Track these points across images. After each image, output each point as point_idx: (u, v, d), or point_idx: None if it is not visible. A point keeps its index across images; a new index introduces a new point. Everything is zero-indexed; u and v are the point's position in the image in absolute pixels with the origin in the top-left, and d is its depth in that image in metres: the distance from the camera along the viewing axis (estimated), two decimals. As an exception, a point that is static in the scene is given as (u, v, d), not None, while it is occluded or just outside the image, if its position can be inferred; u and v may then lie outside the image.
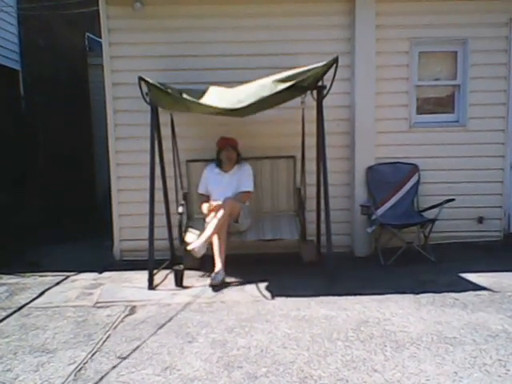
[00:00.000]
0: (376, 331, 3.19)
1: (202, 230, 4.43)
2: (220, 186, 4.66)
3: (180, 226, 4.66)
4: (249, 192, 4.75)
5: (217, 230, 4.28)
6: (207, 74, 5.00)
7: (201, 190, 4.86)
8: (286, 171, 5.06)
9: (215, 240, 4.29)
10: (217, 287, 4.11)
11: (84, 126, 8.50)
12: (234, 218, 4.48)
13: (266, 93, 3.92)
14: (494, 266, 4.57)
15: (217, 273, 4.20)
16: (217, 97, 4.16)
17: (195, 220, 4.87)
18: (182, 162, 4.96)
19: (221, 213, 4.31)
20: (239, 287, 4.15)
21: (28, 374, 2.76)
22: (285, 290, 4.01)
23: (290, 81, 3.91)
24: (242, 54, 5.03)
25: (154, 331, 3.28)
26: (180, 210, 4.70)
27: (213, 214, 4.41)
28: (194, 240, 4.31)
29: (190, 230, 4.66)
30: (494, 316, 3.40)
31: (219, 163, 4.81)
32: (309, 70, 3.97)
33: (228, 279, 4.26)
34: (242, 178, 4.75)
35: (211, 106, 4.03)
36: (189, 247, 4.26)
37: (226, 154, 4.74)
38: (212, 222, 4.32)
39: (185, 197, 4.93)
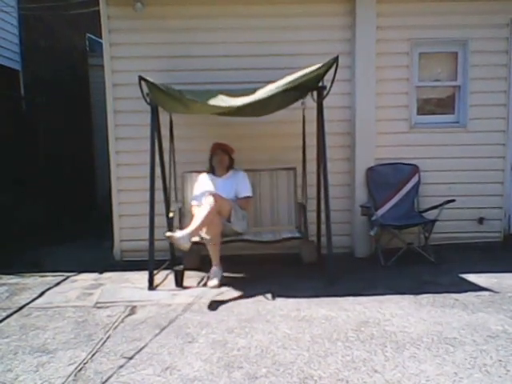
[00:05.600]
0: (376, 332, 3.19)
1: None
2: (213, 190, 4.49)
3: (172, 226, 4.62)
4: (249, 197, 4.64)
5: (204, 223, 4.06)
6: (208, 74, 5.01)
7: (194, 203, 4.65)
8: (286, 183, 4.93)
9: (208, 241, 4.18)
10: (216, 288, 4.10)
11: (84, 126, 8.52)
12: (225, 217, 4.29)
13: (266, 95, 3.93)
14: (494, 266, 4.58)
15: (215, 273, 4.19)
16: (217, 98, 4.15)
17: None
18: (180, 164, 4.92)
19: (208, 206, 4.11)
20: (239, 287, 4.14)
21: (28, 374, 2.75)
22: (285, 291, 4.01)
23: (292, 85, 3.91)
24: (243, 54, 5.04)
25: (155, 331, 3.28)
26: (172, 208, 4.67)
27: (201, 207, 4.24)
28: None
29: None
30: (494, 316, 3.40)
31: (212, 169, 4.74)
32: (311, 73, 3.98)
33: (228, 279, 4.26)
34: (239, 184, 4.62)
35: (211, 105, 4.03)
36: (168, 233, 3.99)
37: (216, 157, 4.66)
38: (199, 215, 4.11)
39: (180, 210, 4.83)
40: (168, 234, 4.00)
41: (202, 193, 4.46)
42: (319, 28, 5.08)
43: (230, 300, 3.86)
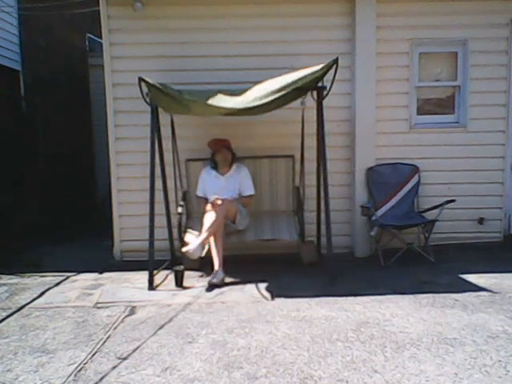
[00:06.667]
0: (376, 332, 3.19)
1: (200, 229, 4.41)
2: (217, 189, 4.62)
3: (179, 227, 4.66)
4: (252, 196, 4.79)
5: (212, 232, 4.27)
6: (208, 74, 5.01)
7: (199, 193, 4.84)
8: (284, 171, 5.04)
9: (212, 241, 4.28)
10: (216, 288, 4.11)
11: (84, 126, 8.52)
12: (230, 219, 4.46)
13: (265, 99, 3.92)
14: (494, 266, 4.57)
15: (216, 273, 4.20)
16: (217, 98, 4.15)
17: (194, 219, 4.85)
18: (181, 162, 4.94)
19: (215, 214, 4.29)
20: (239, 288, 4.15)
21: (28, 374, 2.75)
22: (285, 291, 4.01)
23: (291, 86, 3.90)
24: (243, 54, 5.04)
25: (154, 332, 3.28)
26: (179, 210, 4.70)
27: (208, 214, 4.37)
28: (192, 241, 4.29)
29: (189, 230, 4.65)
30: (494, 317, 3.40)
31: (215, 165, 4.79)
32: (311, 74, 3.97)
33: (228, 279, 4.26)
34: (241, 182, 4.73)
35: (212, 106, 4.02)
36: (184, 249, 4.24)
37: (222, 155, 4.72)
38: (207, 225, 4.29)
39: (184, 196, 4.92)
40: (184, 249, 4.22)
41: (211, 194, 4.57)
42: (319, 28, 5.08)
43: (230, 300, 3.86)
